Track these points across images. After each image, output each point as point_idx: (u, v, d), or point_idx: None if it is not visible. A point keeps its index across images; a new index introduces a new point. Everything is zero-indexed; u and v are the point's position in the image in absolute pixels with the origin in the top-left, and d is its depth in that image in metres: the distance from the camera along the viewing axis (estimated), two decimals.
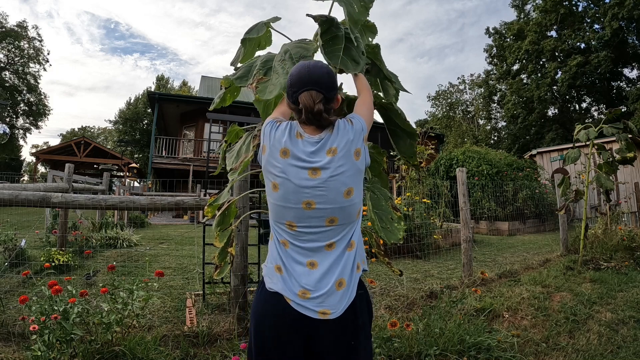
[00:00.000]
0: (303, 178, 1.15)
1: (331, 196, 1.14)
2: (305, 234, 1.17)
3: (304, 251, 1.17)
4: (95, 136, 48.66)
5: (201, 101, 17.92)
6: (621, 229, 5.58)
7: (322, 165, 1.15)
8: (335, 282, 1.14)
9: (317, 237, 1.17)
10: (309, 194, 1.14)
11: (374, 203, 1.71)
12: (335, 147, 1.17)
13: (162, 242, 7.01)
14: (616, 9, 22.82)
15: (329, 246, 1.17)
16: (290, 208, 1.16)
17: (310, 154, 1.16)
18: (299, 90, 1.20)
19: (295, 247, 1.18)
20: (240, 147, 1.86)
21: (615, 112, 4.75)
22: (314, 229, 1.16)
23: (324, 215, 1.15)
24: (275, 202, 1.19)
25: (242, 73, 1.63)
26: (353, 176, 1.17)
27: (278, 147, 1.19)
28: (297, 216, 1.16)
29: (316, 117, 1.18)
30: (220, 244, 1.91)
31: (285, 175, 1.16)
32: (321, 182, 1.14)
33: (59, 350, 1.98)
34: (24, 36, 31.08)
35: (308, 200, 1.15)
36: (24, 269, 3.91)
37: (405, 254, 5.63)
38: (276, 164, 1.18)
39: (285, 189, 1.16)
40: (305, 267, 1.16)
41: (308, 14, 1.53)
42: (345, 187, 1.15)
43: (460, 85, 39.40)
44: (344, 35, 1.50)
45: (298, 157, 1.16)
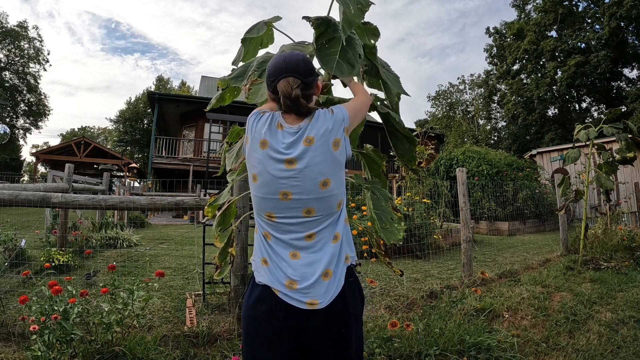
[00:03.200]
0: (279, 169, 1.15)
1: (307, 186, 1.14)
2: (284, 225, 1.17)
3: (284, 243, 1.18)
4: (95, 136, 48.67)
5: (201, 101, 17.92)
6: (621, 229, 5.58)
7: (297, 155, 1.15)
8: (321, 273, 1.15)
9: (295, 228, 1.17)
10: (285, 184, 1.15)
11: (374, 203, 1.70)
12: (312, 136, 1.16)
13: (162, 242, 7.01)
14: (614, 9, 22.83)
15: (309, 237, 1.17)
16: (269, 199, 1.17)
17: (288, 145, 1.17)
18: (276, 79, 1.21)
19: (276, 239, 1.19)
20: (239, 147, 1.86)
21: (615, 112, 4.75)
22: (292, 219, 1.17)
23: (300, 206, 1.15)
24: (255, 193, 1.21)
25: (237, 73, 1.62)
26: (330, 167, 1.16)
27: (258, 138, 1.19)
28: (275, 207, 1.17)
29: (294, 103, 1.18)
30: (221, 244, 1.91)
31: (263, 166, 1.17)
32: (297, 172, 1.14)
33: (59, 350, 1.98)
34: (24, 36, 31.08)
35: (284, 191, 1.15)
36: (24, 269, 3.91)
37: (406, 254, 5.63)
38: (255, 155, 1.19)
39: (263, 180, 1.17)
40: (289, 258, 1.17)
41: (304, 17, 1.51)
42: (321, 177, 1.15)
43: (460, 85, 39.42)
44: (341, 37, 1.46)
45: (275, 148, 1.17)
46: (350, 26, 1.45)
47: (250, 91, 1.46)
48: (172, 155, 17.93)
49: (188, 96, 27.59)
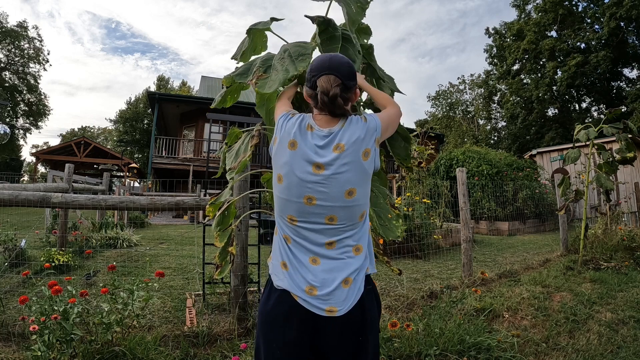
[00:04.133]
0: (307, 172, 1.13)
1: (332, 194, 1.13)
2: (305, 230, 1.16)
3: (304, 248, 1.16)
4: (95, 136, 48.69)
5: (201, 101, 17.92)
6: (621, 229, 5.58)
7: (327, 161, 1.13)
8: (341, 280, 1.13)
9: (316, 235, 1.15)
10: (311, 189, 1.13)
11: (372, 201, 1.71)
12: (343, 143, 1.14)
13: (162, 242, 7.01)
14: (614, 9, 22.84)
15: (329, 244, 1.15)
16: (293, 202, 1.15)
17: (318, 148, 1.15)
18: (318, 74, 1.20)
19: (296, 243, 1.17)
20: (239, 147, 1.87)
21: (615, 112, 4.75)
22: (314, 225, 1.15)
23: (323, 212, 1.14)
24: (279, 194, 1.19)
25: (242, 70, 1.64)
26: (357, 176, 1.14)
27: (287, 138, 1.17)
28: (298, 210, 1.15)
29: (331, 101, 1.16)
30: (221, 243, 1.91)
31: (290, 167, 1.15)
32: (323, 178, 1.12)
33: (59, 350, 1.98)
34: (24, 36, 31.07)
35: (309, 195, 1.13)
36: (24, 269, 3.91)
37: (405, 254, 5.63)
38: (283, 156, 1.17)
39: (289, 182, 1.15)
40: (309, 263, 1.15)
41: (306, 15, 1.56)
42: (347, 186, 1.13)
43: (460, 85, 39.41)
44: (340, 35, 1.53)
45: (304, 150, 1.15)
46: (354, 24, 1.51)
47: (257, 84, 1.48)
48: (172, 155, 17.93)
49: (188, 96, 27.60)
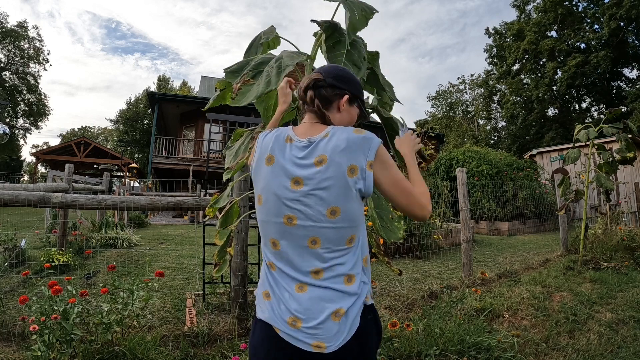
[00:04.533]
0: (285, 188, 1.02)
1: (313, 212, 1.00)
2: (288, 254, 1.03)
3: (289, 275, 1.03)
4: (95, 136, 48.69)
5: (201, 101, 17.91)
6: (621, 229, 5.58)
7: (306, 175, 1.01)
8: (332, 312, 0.98)
9: (300, 260, 1.02)
10: (290, 207, 1.02)
11: (375, 202, 1.71)
12: (326, 155, 1.01)
13: (162, 242, 7.01)
14: (614, 9, 22.85)
15: (316, 273, 1.01)
16: (272, 223, 1.05)
17: (297, 160, 1.04)
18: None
19: (280, 271, 1.05)
20: (239, 146, 1.87)
21: (615, 112, 4.75)
22: (297, 249, 1.02)
23: (305, 233, 1.01)
24: (259, 216, 1.09)
25: (236, 68, 1.64)
26: (341, 194, 0.99)
27: (264, 154, 1.09)
28: (279, 232, 1.04)
29: (305, 92, 1.12)
30: (221, 242, 1.91)
31: (267, 184, 1.05)
32: (302, 194, 1.00)
33: (59, 350, 1.98)
34: (24, 36, 31.07)
35: (289, 215, 1.02)
36: (24, 269, 3.91)
37: (406, 254, 5.63)
38: (261, 173, 1.08)
39: (267, 199, 1.06)
40: (295, 291, 1.01)
41: (313, 20, 1.56)
42: (330, 204, 0.99)
43: (460, 85, 39.42)
44: (346, 40, 1.53)
45: (282, 164, 1.05)
46: (354, 31, 1.51)
47: (239, 91, 1.48)
48: (172, 155, 17.93)
49: (188, 96, 27.60)
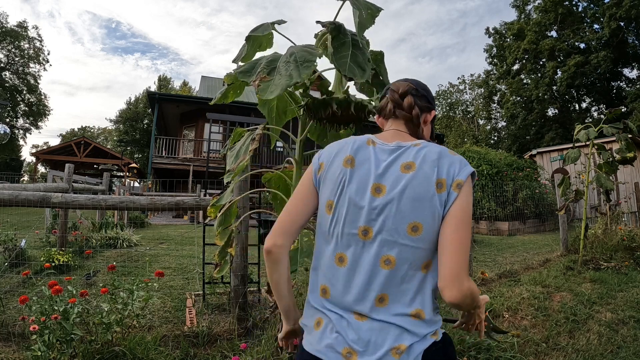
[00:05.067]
0: (365, 194, 0.90)
1: (392, 226, 0.87)
2: (354, 275, 0.89)
3: (349, 301, 0.89)
4: (95, 136, 48.69)
5: (201, 101, 17.92)
6: (621, 229, 5.58)
7: (390, 182, 0.89)
8: (392, 348, 0.84)
9: (367, 282, 0.88)
10: (366, 217, 0.89)
11: None
12: (414, 162, 0.89)
13: (162, 242, 7.01)
14: (614, 9, 22.86)
15: (381, 301, 0.87)
16: (344, 235, 0.91)
17: (383, 163, 0.91)
18: (388, 87, 1.08)
19: (341, 296, 0.90)
20: (240, 147, 1.87)
21: (615, 112, 4.75)
22: (366, 267, 0.88)
23: (379, 251, 0.88)
24: (325, 227, 0.94)
25: (246, 68, 1.64)
26: (425, 209, 0.86)
27: (342, 156, 0.95)
28: (349, 245, 0.90)
29: (402, 97, 1.01)
30: (222, 242, 1.92)
31: (344, 189, 0.91)
32: (383, 203, 0.88)
33: (59, 350, 1.98)
34: (24, 36, 31.07)
35: (365, 227, 0.89)
36: (24, 269, 3.91)
37: None
38: (335, 175, 0.93)
39: (339, 207, 0.91)
40: (353, 318, 0.88)
41: (318, 21, 1.56)
42: (410, 219, 0.86)
43: (460, 85, 39.45)
44: (350, 41, 1.53)
45: (365, 167, 0.92)
46: (363, 30, 1.50)
47: (259, 87, 1.48)
48: (172, 155, 17.93)
49: (188, 96, 27.60)
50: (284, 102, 2.16)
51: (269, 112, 2.16)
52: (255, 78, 1.52)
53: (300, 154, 1.98)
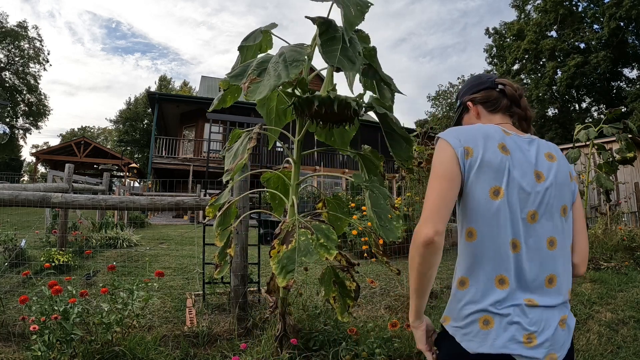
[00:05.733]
0: (530, 180, 0.93)
1: (553, 209, 0.94)
2: (523, 259, 0.90)
3: (520, 287, 0.90)
4: (95, 136, 48.70)
5: (201, 101, 17.93)
6: (621, 229, 5.58)
7: (545, 168, 0.95)
8: (559, 320, 0.92)
9: (536, 267, 0.91)
10: (533, 201, 0.92)
11: (372, 202, 1.71)
12: (553, 153, 0.99)
13: (162, 242, 7.01)
14: (614, 9, 22.86)
15: (550, 282, 0.92)
16: (516, 220, 0.91)
17: (529, 152, 0.96)
18: (493, 81, 1.13)
19: (516, 283, 0.90)
20: (237, 148, 1.87)
21: (615, 112, 4.76)
22: (536, 252, 0.91)
23: (545, 233, 0.92)
24: (491, 213, 0.92)
25: (238, 72, 1.65)
26: (567, 193, 0.98)
27: (494, 142, 0.94)
28: (520, 232, 0.91)
29: (521, 97, 1.09)
30: (221, 243, 1.92)
31: (511, 175, 0.92)
32: (544, 188, 0.93)
33: (59, 350, 1.98)
34: (24, 36, 31.08)
35: (533, 211, 0.92)
36: (24, 269, 3.91)
37: (405, 254, 5.63)
38: (497, 162, 0.92)
39: (510, 194, 0.91)
40: (525, 304, 0.90)
41: (307, 16, 1.56)
42: (562, 202, 0.96)
43: (460, 85, 39.43)
44: (341, 36, 1.54)
45: (521, 155, 0.95)
46: (351, 27, 1.51)
47: (249, 89, 1.48)
48: (172, 155, 17.93)
49: (188, 96, 27.61)
50: (284, 104, 2.16)
51: (267, 113, 2.16)
52: (245, 80, 1.53)
53: (298, 153, 1.98)
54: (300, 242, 1.51)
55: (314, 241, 1.51)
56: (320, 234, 1.54)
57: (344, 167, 17.51)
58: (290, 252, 1.49)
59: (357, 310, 3.05)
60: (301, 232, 1.56)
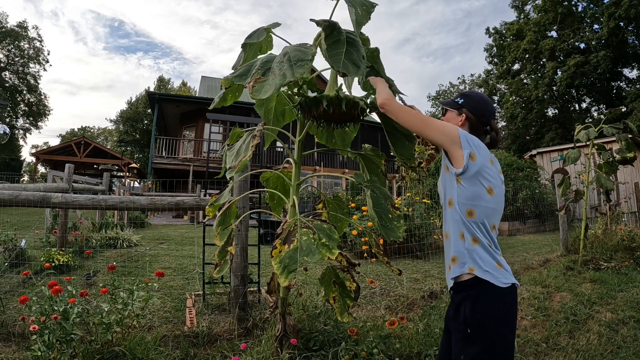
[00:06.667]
0: (502, 186, 1.38)
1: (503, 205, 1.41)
2: (494, 235, 1.37)
3: (497, 247, 1.36)
4: (95, 136, 48.69)
5: (201, 101, 17.93)
6: (621, 229, 5.58)
7: (502, 177, 1.42)
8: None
9: (495, 238, 1.37)
10: (503, 200, 1.38)
11: (374, 202, 1.71)
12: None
13: (162, 242, 7.01)
14: (613, 9, 22.86)
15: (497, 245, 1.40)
16: (500, 212, 1.36)
17: (498, 165, 1.42)
18: (491, 116, 1.49)
19: (495, 246, 1.35)
20: (240, 146, 1.87)
21: (615, 112, 4.75)
22: (496, 231, 1.38)
23: (499, 219, 1.39)
24: (489, 204, 1.32)
25: (241, 72, 1.65)
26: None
27: (487, 155, 1.35)
28: (499, 219, 1.38)
29: (497, 143, 1.51)
30: (221, 242, 1.91)
31: (496, 181, 1.34)
32: (503, 191, 1.39)
33: (59, 350, 1.98)
34: (24, 36, 31.07)
35: (503, 206, 1.38)
36: (24, 269, 3.91)
37: (406, 254, 5.63)
38: (489, 170, 1.33)
39: (498, 193, 1.34)
40: (501, 256, 1.38)
41: (312, 19, 1.56)
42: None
43: (460, 85, 39.44)
44: (345, 39, 1.53)
45: (498, 168, 1.39)
46: (359, 27, 1.51)
47: (254, 88, 1.48)
48: (172, 155, 17.93)
49: (188, 96, 27.61)
50: (283, 104, 2.16)
51: (266, 113, 2.16)
52: (250, 79, 1.53)
53: (299, 154, 1.98)
54: (302, 241, 1.51)
55: (316, 241, 1.51)
56: (322, 234, 1.54)
57: (344, 167, 17.51)
58: (292, 251, 1.49)
59: (357, 311, 3.04)
60: (303, 231, 1.56)
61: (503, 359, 1.26)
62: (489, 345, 1.24)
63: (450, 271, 1.36)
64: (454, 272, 1.34)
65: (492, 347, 1.24)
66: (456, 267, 1.33)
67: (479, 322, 1.25)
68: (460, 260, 1.32)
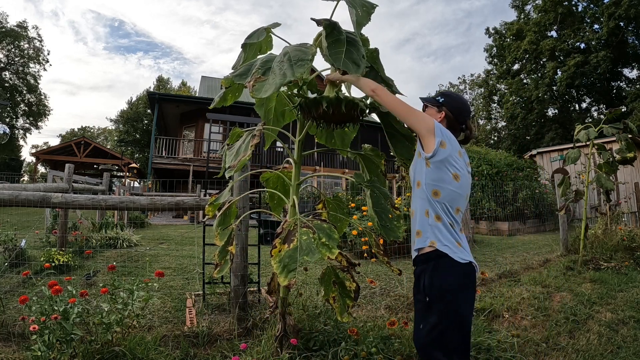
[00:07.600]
0: (469, 175, 1.54)
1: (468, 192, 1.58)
2: (458, 218, 1.49)
3: (460, 230, 1.49)
4: (95, 136, 48.69)
5: (201, 101, 17.93)
6: (621, 229, 5.58)
7: (470, 168, 1.57)
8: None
9: (459, 219, 1.51)
10: (469, 189, 1.54)
11: (373, 201, 1.71)
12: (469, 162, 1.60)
13: (162, 242, 7.01)
14: (613, 9, 22.85)
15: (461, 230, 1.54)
16: (464, 197, 1.50)
17: (467, 158, 1.58)
18: (468, 117, 1.63)
19: (458, 228, 1.49)
20: (239, 145, 1.87)
21: (615, 112, 4.75)
22: (461, 214, 1.52)
23: (465, 204, 1.53)
24: (455, 189, 1.46)
25: (242, 71, 1.65)
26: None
27: (456, 147, 1.50)
28: (464, 204, 1.52)
29: (468, 140, 1.65)
30: (221, 242, 1.91)
31: (462, 170, 1.48)
32: (470, 181, 1.56)
33: (59, 350, 1.98)
34: (24, 36, 31.07)
35: (469, 193, 1.54)
36: (24, 269, 3.91)
37: (406, 254, 5.63)
38: (457, 160, 1.48)
39: (464, 181, 1.48)
40: (464, 238, 1.51)
41: (312, 18, 1.57)
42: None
43: (460, 85, 39.45)
44: (345, 39, 1.54)
45: (465, 160, 1.53)
46: (360, 27, 1.52)
47: (254, 87, 1.48)
48: (172, 155, 17.93)
49: (188, 96, 27.61)
50: (283, 104, 2.16)
51: (266, 113, 2.16)
52: (250, 79, 1.53)
53: (299, 154, 1.98)
54: (302, 241, 1.51)
55: (315, 240, 1.51)
56: (322, 233, 1.54)
57: (344, 167, 17.51)
58: (292, 251, 1.49)
59: (357, 311, 3.04)
60: (303, 231, 1.56)
61: (459, 331, 1.36)
62: (445, 314, 1.36)
63: (414, 244, 1.52)
64: (417, 245, 1.49)
65: (448, 317, 1.36)
66: (419, 240, 1.48)
67: (437, 292, 1.37)
68: (424, 234, 1.46)
